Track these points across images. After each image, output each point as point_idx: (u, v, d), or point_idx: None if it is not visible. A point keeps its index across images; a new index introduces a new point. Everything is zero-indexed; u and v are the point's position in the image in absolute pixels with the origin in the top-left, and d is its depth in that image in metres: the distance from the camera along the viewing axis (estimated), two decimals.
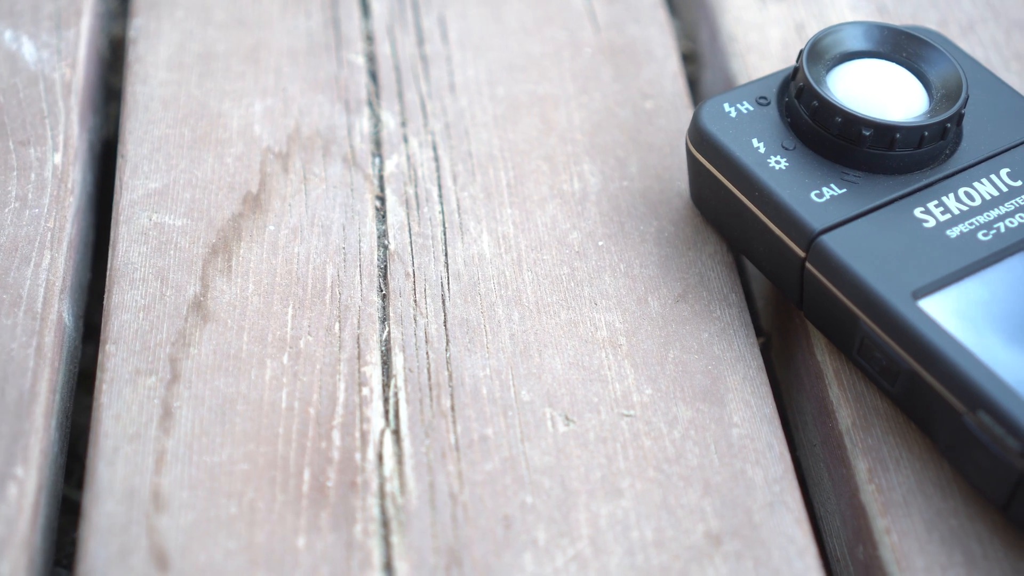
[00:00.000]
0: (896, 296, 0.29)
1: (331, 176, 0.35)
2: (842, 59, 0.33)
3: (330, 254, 0.33)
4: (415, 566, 0.27)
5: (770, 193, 0.31)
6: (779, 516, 0.28)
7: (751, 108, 0.33)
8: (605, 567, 0.27)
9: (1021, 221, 0.30)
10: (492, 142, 0.36)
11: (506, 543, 0.27)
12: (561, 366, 0.31)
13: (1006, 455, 0.27)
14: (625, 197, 0.35)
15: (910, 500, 0.29)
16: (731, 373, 0.31)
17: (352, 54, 0.38)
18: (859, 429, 0.30)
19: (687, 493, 0.29)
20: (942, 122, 0.31)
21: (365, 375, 0.30)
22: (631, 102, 0.37)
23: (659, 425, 0.30)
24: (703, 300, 0.32)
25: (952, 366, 0.27)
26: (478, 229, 0.34)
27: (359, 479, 0.28)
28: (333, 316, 0.31)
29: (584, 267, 0.33)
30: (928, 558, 0.28)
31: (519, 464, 0.29)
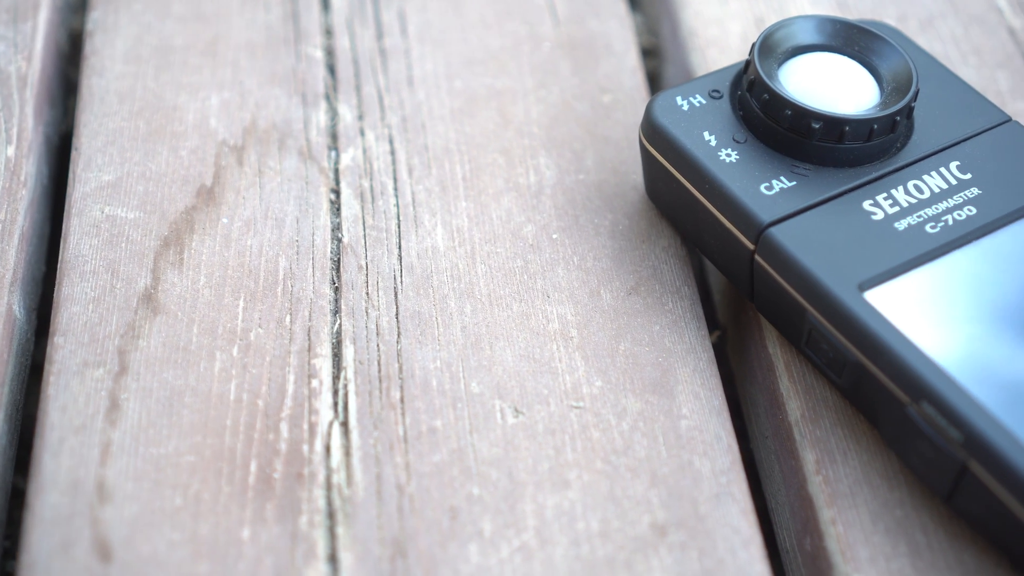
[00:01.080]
0: (842, 288, 0.29)
1: (286, 169, 0.35)
2: (794, 53, 0.33)
3: (283, 247, 0.33)
4: (360, 557, 0.27)
5: (720, 186, 0.31)
6: (725, 507, 0.28)
7: (704, 101, 0.33)
8: (550, 558, 0.27)
9: (969, 214, 0.30)
10: (449, 135, 0.36)
11: (452, 534, 0.27)
12: (512, 358, 0.31)
13: (948, 446, 0.27)
14: (580, 190, 0.35)
15: (856, 491, 0.29)
16: (681, 365, 0.31)
17: (310, 48, 0.38)
18: (808, 421, 0.30)
19: (634, 484, 0.29)
20: (891, 115, 0.31)
21: (315, 367, 0.30)
22: (589, 96, 0.37)
23: (608, 417, 0.30)
24: (655, 293, 0.33)
25: (896, 357, 0.28)
26: (432, 222, 0.34)
27: (306, 471, 0.28)
28: (284, 308, 0.31)
29: (538, 260, 0.33)
30: (873, 548, 0.28)
31: (467, 456, 0.29)
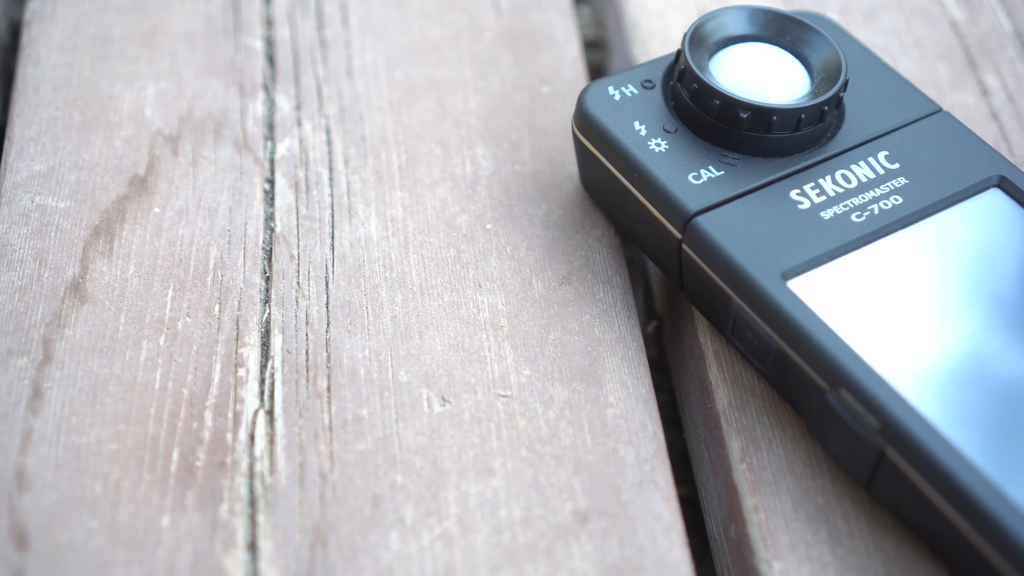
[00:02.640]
0: (765, 276, 0.29)
1: (221, 159, 0.35)
2: (726, 43, 0.33)
3: (215, 236, 0.33)
4: (279, 545, 0.27)
5: (648, 175, 0.31)
6: (648, 495, 0.28)
7: (636, 91, 0.33)
8: (471, 545, 0.27)
9: (895, 203, 0.31)
10: (386, 126, 0.36)
11: (373, 522, 0.27)
12: (441, 347, 0.31)
13: (866, 433, 0.27)
14: (516, 181, 0.35)
15: (780, 479, 0.29)
16: (610, 354, 0.31)
17: (250, 38, 0.38)
18: (735, 409, 0.30)
19: (558, 472, 0.29)
20: (819, 105, 0.31)
21: (242, 356, 0.30)
22: (528, 87, 0.38)
23: (535, 405, 0.30)
24: (587, 282, 0.33)
25: (816, 345, 0.28)
26: (367, 212, 0.34)
27: (228, 459, 0.28)
28: (214, 298, 0.31)
29: (471, 250, 0.33)
30: (793, 535, 0.28)
31: (392, 444, 0.29)
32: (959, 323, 0.29)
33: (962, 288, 0.29)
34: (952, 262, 0.30)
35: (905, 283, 0.29)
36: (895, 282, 0.29)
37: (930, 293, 0.29)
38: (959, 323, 0.29)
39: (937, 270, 0.30)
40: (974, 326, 0.29)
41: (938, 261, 0.30)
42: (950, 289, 0.29)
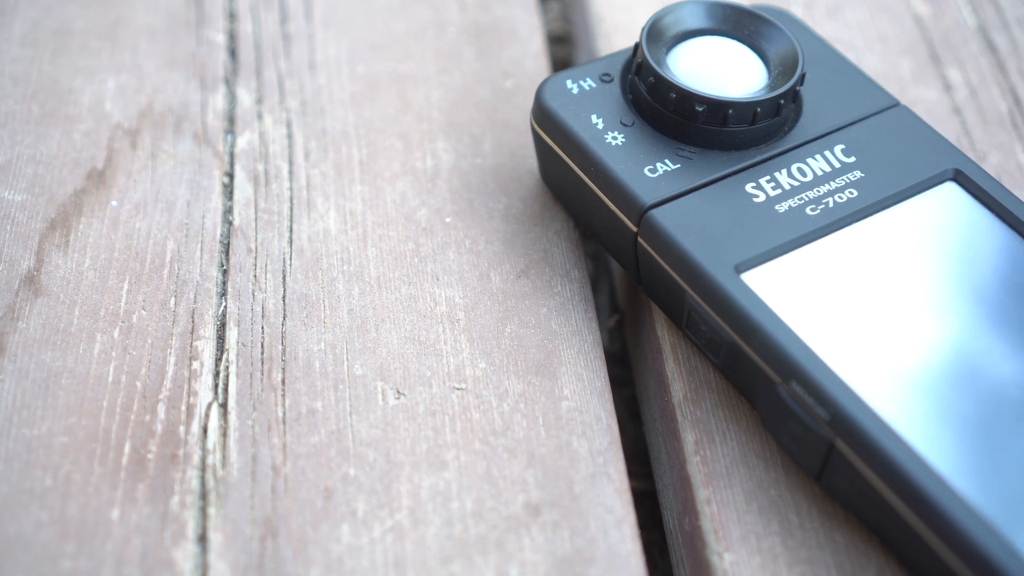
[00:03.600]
0: (718, 269, 0.29)
1: (180, 152, 0.35)
2: (684, 37, 0.33)
3: (172, 230, 0.33)
4: (230, 537, 0.27)
5: (604, 168, 0.31)
6: (600, 487, 0.28)
7: (594, 85, 0.33)
8: (422, 537, 0.27)
9: (850, 196, 0.31)
10: (348, 120, 0.36)
11: (324, 514, 0.27)
12: (397, 340, 0.31)
13: (816, 424, 0.27)
14: (476, 174, 0.35)
15: (733, 471, 0.29)
16: (566, 347, 0.31)
17: (213, 32, 0.38)
18: (690, 402, 0.30)
19: (511, 465, 0.29)
20: (775, 99, 0.31)
21: (197, 349, 0.30)
22: (491, 81, 0.38)
23: (489, 398, 0.30)
24: (545, 276, 0.33)
25: (767, 337, 0.28)
26: (326, 206, 0.34)
27: (181, 452, 0.28)
28: (170, 291, 0.31)
29: (429, 243, 0.33)
30: (745, 528, 0.28)
31: (345, 437, 0.29)
32: (911, 316, 0.29)
33: (915, 281, 0.29)
34: (906, 255, 0.30)
35: (859, 276, 0.29)
36: (849, 275, 0.29)
37: (883, 286, 0.29)
38: (911, 316, 0.29)
39: (891, 263, 0.30)
40: (926, 319, 0.29)
41: (892, 254, 0.30)
42: (903, 282, 0.29)
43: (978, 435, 0.27)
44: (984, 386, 0.27)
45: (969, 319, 0.29)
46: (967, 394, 0.27)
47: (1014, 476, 0.26)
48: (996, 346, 0.28)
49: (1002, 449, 0.26)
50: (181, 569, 0.26)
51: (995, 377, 0.28)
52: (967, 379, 0.28)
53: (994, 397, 0.27)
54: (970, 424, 0.27)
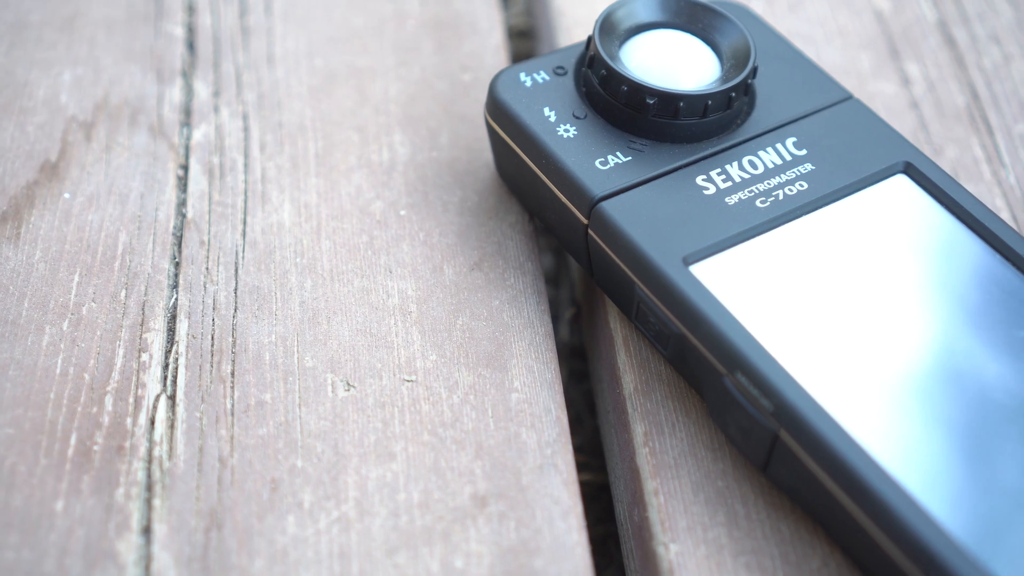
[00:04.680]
0: (666, 261, 0.29)
1: (135, 145, 0.34)
2: (638, 30, 0.33)
3: (125, 222, 0.33)
4: (174, 528, 0.27)
5: (556, 161, 0.31)
6: (548, 478, 0.29)
7: (547, 78, 0.33)
8: (367, 529, 0.27)
9: (800, 189, 0.31)
10: (305, 113, 0.36)
11: (270, 506, 0.27)
12: (348, 333, 0.31)
13: (761, 415, 0.27)
14: (432, 167, 0.35)
15: (681, 462, 0.29)
16: (518, 339, 0.31)
17: (171, 25, 0.38)
18: (640, 394, 0.30)
19: (459, 456, 0.29)
20: (726, 91, 0.31)
21: (146, 341, 0.30)
22: (449, 74, 0.38)
23: (439, 390, 0.30)
24: (498, 268, 0.33)
25: (713, 329, 0.28)
26: (280, 198, 0.34)
27: (127, 443, 0.28)
28: (120, 283, 0.31)
29: (384, 236, 0.33)
30: (691, 518, 0.28)
31: (293, 429, 0.29)
32: (858, 308, 0.29)
33: (863, 274, 0.29)
34: (855, 248, 0.30)
35: (807, 268, 0.29)
36: (797, 267, 0.29)
37: (832, 279, 0.29)
38: (858, 308, 0.29)
39: (839, 256, 0.30)
40: (873, 311, 0.29)
41: (840, 247, 0.30)
42: (851, 275, 0.29)
43: (921, 426, 0.27)
44: (928, 377, 0.28)
45: (916, 311, 0.29)
46: (911, 386, 0.27)
47: (954, 466, 0.26)
48: (941, 338, 0.28)
49: (945, 440, 0.26)
50: (124, 560, 0.26)
51: (940, 369, 0.28)
52: (911, 371, 0.28)
53: (938, 388, 0.27)
54: (913, 415, 0.27)
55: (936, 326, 0.28)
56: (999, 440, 0.26)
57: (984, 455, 0.26)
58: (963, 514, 0.25)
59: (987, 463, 0.26)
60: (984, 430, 0.27)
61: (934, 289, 0.29)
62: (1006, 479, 0.26)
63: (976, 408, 0.27)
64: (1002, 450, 0.26)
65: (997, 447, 0.26)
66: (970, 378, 0.28)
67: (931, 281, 0.29)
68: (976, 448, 0.26)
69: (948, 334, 0.28)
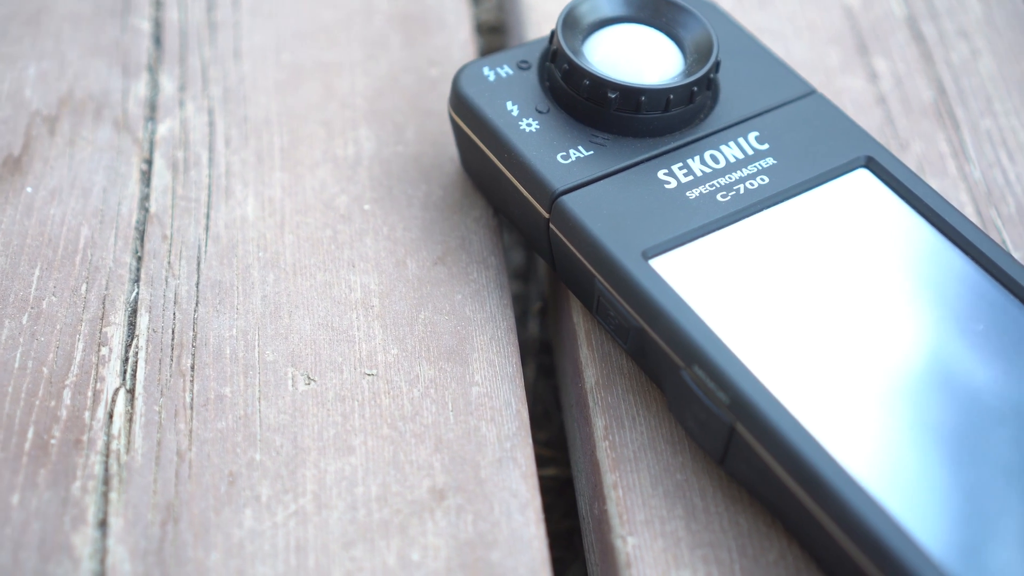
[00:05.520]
0: (626, 255, 0.29)
1: (99, 139, 0.34)
2: (602, 24, 0.33)
3: (87, 216, 0.33)
4: (130, 522, 0.27)
5: (518, 155, 0.31)
6: (507, 471, 0.29)
7: (511, 72, 0.33)
8: (325, 522, 0.27)
9: (762, 183, 0.31)
10: (270, 107, 0.36)
11: (228, 499, 0.27)
12: (310, 327, 0.31)
13: (717, 408, 0.27)
14: (398, 162, 0.35)
15: (640, 456, 0.29)
16: (479, 333, 0.31)
17: (138, 19, 0.38)
18: (601, 388, 0.30)
19: (418, 450, 0.29)
20: (688, 85, 0.31)
21: (106, 335, 0.30)
22: (417, 69, 0.38)
23: (400, 384, 0.30)
24: (461, 263, 0.33)
25: (671, 322, 0.28)
26: (244, 193, 0.34)
27: (85, 437, 0.28)
28: (81, 277, 0.31)
29: (347, 230, 0.33)
30: (650, 511, 0.28)
31: (253, 422, 0.29)
32: (817, 302, 0.29)
33: (822, 268, 0.29)
34: (814, 242, 0.30)
35: (767, 262, 0.29)
36: (757, 261, 0.29)
37: (791, 273, 0.29)
38: (817, 302, 0.29)
39: (799, 250, 0.30)
40: (832, 306, 0.29)
41: (800, 241, 0.30)
42: (811, 269, 0.29)
43: (877, 419, 0.27)
44: (885, 371, 0.28)
45: (874, 306, 0.29)
46: (867, 380, 0.27)
47: (908, 459, 0.26)
48: (899, 332, 0.28)
49: (900, 433, 0.27)
50: (79, 554, 0.26)
51: (896, 363, 0.28)
52: (868, 365, 0.28)
53: (894, 382, 0.27)
54: (869, 409, 0.27)
55: (894, 320, 0.29)
56: (954, 433, 0.27)
57: (939, 448, 0.26)
58: (916, 507, 0.25)
59: (942, 456, 0.26)
60: (939, 423, 0.27)
61: (893, 283, 0.29)
62: (960, 472, 0.26)
63: (932, 401, 0.27)
64: (957, 442, 0.26)
65: (952, 440, 0.26)
66: (927, 372, 0.28)
67: (890, 275, 0.29)
68: (930, 441, 0.26)
69: (906, 328, 0.28)
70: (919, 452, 0.26)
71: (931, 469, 0.26)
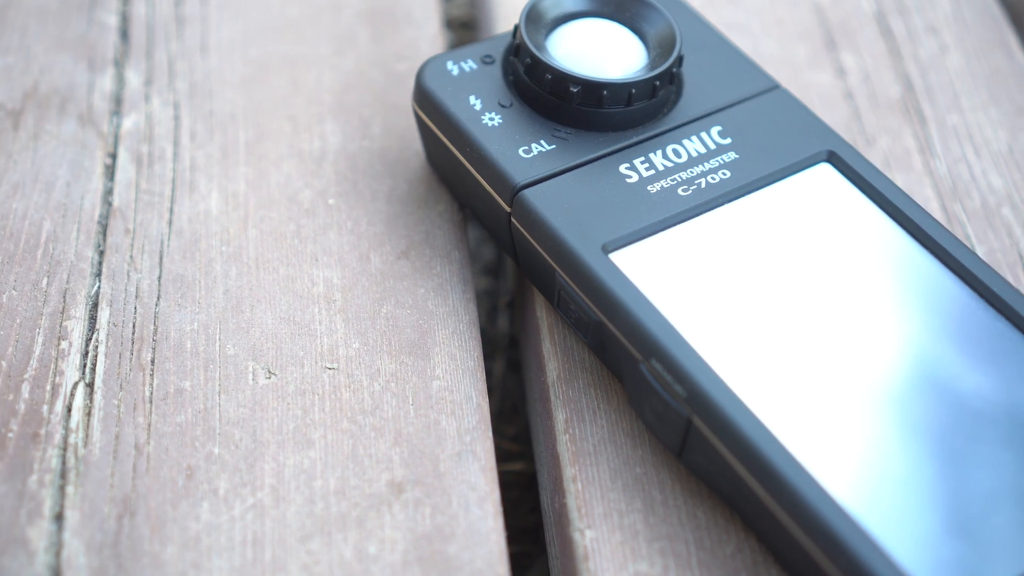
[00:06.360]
0: (586, 249, 0.29)
1: (63, 134, 0.34)
2: (566, 19, 0.33)
3: (49, 210, 0.32)
4: (86, 515, 0.27)
5: (480, 149, 0.31)
6: (466, 465, 0.29)
7: (475, 67, 0.33)
8: (282, 515, 0.27)
9: (723, 177, 0.31)
10: (236, 102, 0.36)
11: (185, 493, 0.27)
12: (272, 321, 0.31)
13: (675, 401, 0.27)
14: (363, 156, 0.35)
15: (600, 449, 0.29)
16: (441, 327, 0.31)
17: (105, 13, 0.38)
18: (563, 381, 0.30)
19: (377, 443, 0.29)
20: (650, 80, 0.31)
21: (66, 329, 0.30)
22: (384, 64, 0.38)
23: (361, 378, 0.30)
24: (425, 257, 0.33)
25: (629, 316, 0.28)
26: (208, 187, 0.34)
27: (43, 431, 0.28)
28: (42, 271, 0.31)
29: (311, 224, 0.33)
30: (608, 505, 0.28)
31: (212, 416, 0.29)
32: (777, 296, 0.29)
33: (783, 262, 0.29)
34: (775, 236, 0.30)
35: (727, 256, 0.29)
36: (718, 255, 0.29)
37: (752, 267, 0.29)
38: (777, 296, 0.29)
39: (760, 244, 0.30)
40: (791, 299, 0.29)
41: (761, 235, 0.30)
42: (771, 263, 0.29)
43: (833, 413, 0.27)
44: (843, 366, 0.28)
45: (834, 300, 0.29)
46: (825, 374, 0.27)
47: (864, 453, 0.26)
48: (857, 327, 0.28)
49: (855, 427, 0.27)
50: (35, 547, 0.26)
51: (854, 357, 0.28)
52: (826, 359, 0.28)
53: (851, 377, 0.27)
54: (825, 402, 0.27)
55: (853, 315, 0.29)
56: (910, 425, 0.27)
57: (894, 441, 0.26)
58: (870, 500, 0.25)
59: (897, 449, 0.26)
60: (896, 416, 0.27)
61: (853, 278, 0.29)
62: (915, 465, 0.26)
63: (889, 395, 0.27)
64: (913, 435, 0.26)
65: (908, 432, 0.26)
66: (884, 366, 0.28)
67: (851, 269, 0.29)
68: (886, 434, 0.26)
69: (864, 323, 0.28)
70: (874, 445, 0.26)
71: (886, 463, 0.26)
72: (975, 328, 0.28)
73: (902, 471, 0.26)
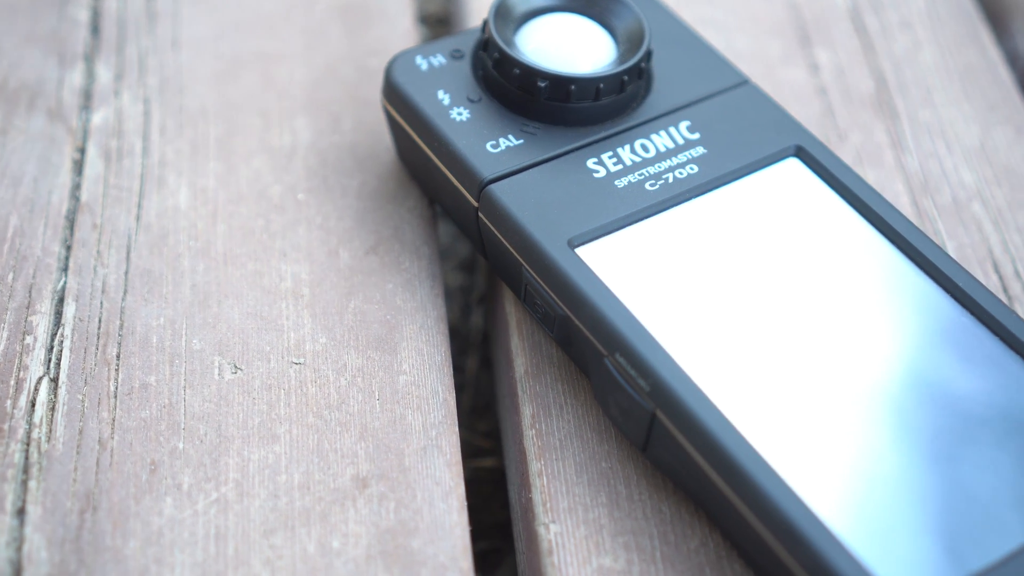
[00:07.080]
0: (552, 243, 0.29)
1: (32, 128, 0.34)
2: (535, 14, 0.33)
3: (16, 205, 0.32)
4: (48, 510, 0.27)
5: (447, 144, 0.31)
6: (431, 459, 0.29)
7: (444, 61, 0.33)
8: (246, 510, 0.27)
9: (691, 172, 0.31)
10: (207, 97, 0.36)
11: (148, 487, 0.27)
12: (239, 316, 0.31)
13: (638, 395, 0.27)
14: (333, 152, 0.35)
15: (566, 444, 0.29)
16: (409, 323, 0.31)
17: (76, 8, 0.38)
18: (530, 376, 0.30)
19: (343, 438, 0.29)
20: (618, 75, 0.31)
21: (31, 324, 0.30)
22: (356, 59, 0.37)
23: (327, 373, 0.30)
24: (394, 252, 0.33)
25: (594, 310, 0.28)
26: (178, 182, 0.34)
27: (6, 425, 0.28)
28: (8, 266, 0.31)
29: (280, 220, 0.33)
30: (573, 499, 0.28)
31: (177, 411, 0.29)
32: (743, 291, 0.29)
33: (750, 257, 0.29)
34: (742, 231, 0.30)
35: (694, 251, 0.29)
36: (684, 250, 0.29)
37: (718, 261, 0.29)
38: (743, 291, 0.29)
39: (726, 239, 0.30)
40: (757, 294, 0.29)
41: (728, 230, 0.30)
42: (738, 258, 0.29)
43: (797, 408, 0.27)
44: (808, 361, 0.28)
45: (800, 295, 0.29)
46: (790, 369, 0.27)
47: (828, 448, 0.26)
48: (822, 322, 0.28)
49: (818, 422, 0.27)
50: None
51: (818, 352, 0.28)
52: (791, 354, 0.28)
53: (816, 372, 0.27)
54: (789, 397, 0.27)
55: (818, 310, 0.29)
56: (875, 421, 0.27)
57: (858, 437, 0.26)
58: (832, 496, 0.25)
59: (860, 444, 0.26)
60: (861, 412, 0.27)
61: (819, 272, 0.29)
62: (879, 461, 0.26)
63: (854, 391, 0.27)
64: (878, 431, 0.26)
65: (873, 429, 0.26)
66: (850, 361, 0.28)
67: (817, 264, 0.29)
68: (850, 430, 0.26)
69: (830, 318, 0.28)
70: (838, 440, 0.26)
71: (849, 457, 0.26)
72: (941, 323, 0.28)
73: (865, 466, 0.26)
